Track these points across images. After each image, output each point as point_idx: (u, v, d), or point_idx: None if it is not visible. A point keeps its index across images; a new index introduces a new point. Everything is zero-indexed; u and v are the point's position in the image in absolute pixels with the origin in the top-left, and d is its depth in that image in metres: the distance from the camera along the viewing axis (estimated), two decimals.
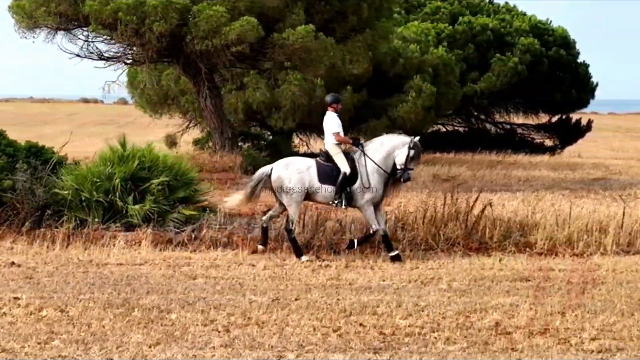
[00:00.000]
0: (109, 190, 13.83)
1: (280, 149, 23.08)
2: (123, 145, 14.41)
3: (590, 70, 38.21)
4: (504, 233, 14.16)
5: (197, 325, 9.03)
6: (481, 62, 35.26)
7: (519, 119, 39.59)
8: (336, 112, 13.32)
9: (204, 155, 21.34)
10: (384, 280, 11.61)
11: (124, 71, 20.69)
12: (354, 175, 12.91)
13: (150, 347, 8.24)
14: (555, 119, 39.37)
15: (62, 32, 20.38)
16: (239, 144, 22.68)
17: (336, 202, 12.92)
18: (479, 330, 9.03)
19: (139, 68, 27.74)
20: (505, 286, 11.35)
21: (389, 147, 13.01)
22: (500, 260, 13.25)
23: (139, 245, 13.34)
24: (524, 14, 37.43)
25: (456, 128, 39.44)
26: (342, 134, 13.19)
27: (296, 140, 30.15)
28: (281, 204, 13.18)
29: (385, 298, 10.41)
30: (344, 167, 12.90)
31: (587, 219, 14.46)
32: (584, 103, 38.75)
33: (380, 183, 12.97)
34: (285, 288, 10.97)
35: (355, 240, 13.18)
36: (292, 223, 13.02)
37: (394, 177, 13.03)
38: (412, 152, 12.96)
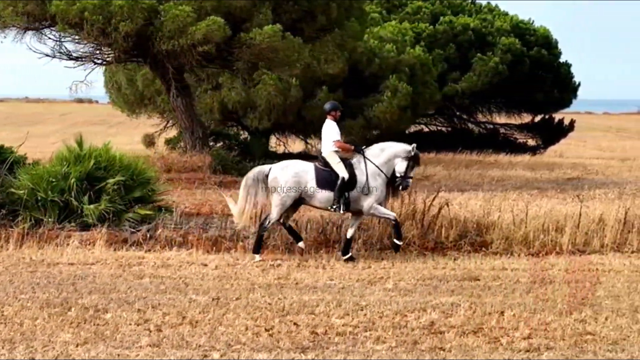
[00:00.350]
0: (64, 189, 13.81)
1: (251, 149, 23.08)
2: (80, 144, 14.39)
3: (574, 70, 38.35)
4: (460, 233, 14.16)
5: (130, 324, 9.03)
6: (462, 62, 35.27)
7: (501, 119, 39.61)
8: (335, 119, 13.36)
9: (173, 154, 21.34)
10: (331, 280, 11.60)
11: (91, 70, 20.67)
12: (352, 180, 12.93)
13: (77, 346, 8.24)
14: (538, 118, 39.38)
15: (32, 32, 20.35)
16: (211, 143, 22.66)
17: (334, 207, 12.91)
18: (412, 330, 9.03)
19: (117, 68, 27.85)
20: (452, 285, 11.36)
21: (390, 154, 13.06)
22: (454, 259, 13.27)
23: (93, 245, 13.34)
24: (506, 14, 37.44)
25: (439, 128, 39.43)
26: (341, 141, 13.20)
27: (273, 140, 30.16)
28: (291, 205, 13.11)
29: (327, 297, 10.41)
30: (342, 173, 12.91)
31: (543, 219, 14.46)
32: (566, 103, 38.75)
33: (382, 185, 13.00)
34: (230, 287, 10.97)
35: (395, 240, 13.05)
36: (269, 222, 12.99)
37: (392, 184, 13.10)
38: (412, 161, 13.06)
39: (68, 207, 13.84)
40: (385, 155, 13.06)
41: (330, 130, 13.26)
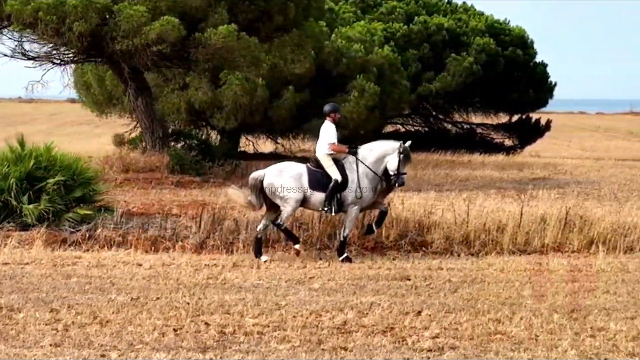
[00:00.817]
0: (4, 189, 13.80)
1: (211, 149, 23.07)
2: (21, 144, 14.38)
3: (550, 69, 38.26)
4: (401, 232, 14.18)
5: (39, 324, 9.02)
6: (437, 62, 35.26)
7: (478, 119, 39.61)
8: (334, 121, 13.35)
9: (132, 154, 21.33)
10: (260, 280, 11.60)
11: (48, 70, 20.63)
12: (344, 181, 12.97)
13: None
14: (515, 118, 39.39)
15: None
16: (172, 143, 22.64)
17: (326, 208, 12.96)
18: (322, 330, 9.03)
19: (85, 68, 27.84)
20: (380, 285, 11.36)
21: (379, 153, 13.10)
22: (393, 259, 13.29)
23: (32, 244, 13.33)
24: (481, 14, 37.46)
25: (416, 128, 39.44)
26: (337, 143, 13.19)
27: (243, 140, 30.18)
28: (271, 209, 13.09)
29: (248, 297, 10.41)
30: (335, 175, 12.95)
31: (485, 218, 14.48)
32: (542, 103, 38.76)
33: (371, 186, 13.04)
34: (156, 287, 10.96)
35: (340, 256, 13.04)
36: (282, 221, 12.98)
37: (388, 183, 13.14)
38: (402, 156, 13.07)
39: (7, 207, 13.82)
40: (375, 154, 13.12)
41: (328, 132, 13.26)
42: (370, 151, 13.17)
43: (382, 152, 13.12)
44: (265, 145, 31.58)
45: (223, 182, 20.60)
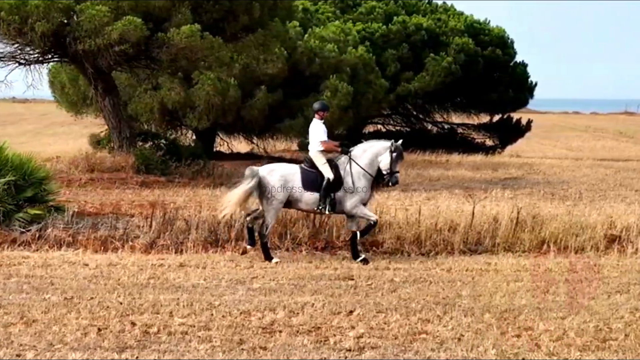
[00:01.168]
0: None
1: (179, 150, 23.06)
2: None
3: (530, 69, 38.30)
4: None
5: None
6: (416, 62, 35.26)
7: (460, 119, 39.63)
8: (322, 119, 13.36)
9: (99, 154, 21.32)
10: (204, 280, 11.59)
11: (11, 70, 20.61)
12: (338, 181, 12.98)
13: None
14: (496, 118, 39.41)
15: None
16: (140, 143, 22.64)
17: (320, 208, 12.98)
18: (248, 329, 9.03)
19: (59, 68, 27.82)
20: (320, 285, 11.36)
21: (372, 153, 13.16)
22: (343, 259, 13.28)
23: None
24: (461, 14, 37.46)
25: (397, 128, 39.44)
26: (327, 141, 13.22)
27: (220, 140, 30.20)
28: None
29: (184, 297, 10.41)
30: (328, 174, 12.96)
31: (436, 218, 14.49)
32: (522, 103, 38.78)
33: (367, 186, 13.10)
34: (94, 287, 10.95)
35: (358, 234, 13.12)
36: (267, 228, 12.96)
37: (381, 182, 13.20)
38: (394, 155, 13.12)
39: None
40: (368, 155, 13.17)
41: (317, 130, 13.28)
42: (363, 151, 13.22)
43: (374, 152, 13.18)
44: (242, 146, 31.57)
45: (188, 182, 20.63)
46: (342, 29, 30.01)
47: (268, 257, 12.92)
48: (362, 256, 13.05)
